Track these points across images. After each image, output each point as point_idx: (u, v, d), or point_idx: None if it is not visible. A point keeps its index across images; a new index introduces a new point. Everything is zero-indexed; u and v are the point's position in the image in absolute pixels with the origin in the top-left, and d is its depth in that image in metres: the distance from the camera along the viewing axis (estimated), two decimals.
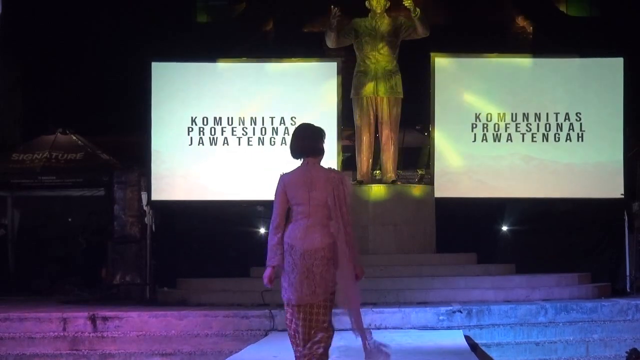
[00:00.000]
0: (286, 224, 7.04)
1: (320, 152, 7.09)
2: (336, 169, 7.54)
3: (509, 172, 16.52)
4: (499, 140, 16.51)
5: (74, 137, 18.76)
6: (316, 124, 7.42)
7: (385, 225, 15.15)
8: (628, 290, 15.96)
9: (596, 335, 12.37)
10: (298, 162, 7.18)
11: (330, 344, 7.16)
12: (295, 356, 7.16)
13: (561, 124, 16.51)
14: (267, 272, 7.03)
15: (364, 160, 15.35)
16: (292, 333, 7.11)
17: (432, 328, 11.95)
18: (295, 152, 7.14)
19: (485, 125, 16.55)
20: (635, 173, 17.06)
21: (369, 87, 15.23)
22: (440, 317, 12.20)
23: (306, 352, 7.04)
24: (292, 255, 6.90)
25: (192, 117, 16.61)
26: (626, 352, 11.20)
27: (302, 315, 7.00)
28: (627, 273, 16.30)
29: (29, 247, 19.10)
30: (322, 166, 7.10)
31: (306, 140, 7.11)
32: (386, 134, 15.30)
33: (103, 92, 19.13)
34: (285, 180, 7.09)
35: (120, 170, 17.70)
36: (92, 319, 12.38)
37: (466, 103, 16.58)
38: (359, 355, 9.81)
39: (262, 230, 17.42)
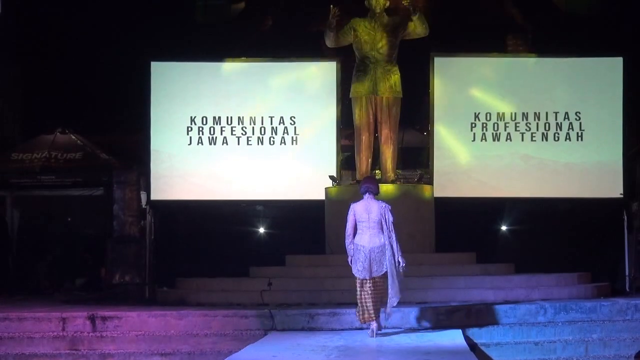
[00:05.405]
0: (355, 234, 11.34)
1: (375, 193, 11.51)
2: (385, 203, 11.48)
3: (508, 172, 16.53)
4: (499, 140, 16.53)
5: (74, 137, 18.71)
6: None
7: None
8: (627, 290, 15.97)
9: (595, 335, 12.34)
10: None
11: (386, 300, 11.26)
12: (362, 314, 11.20)
13: (560, 123, 16.53)
14: (350, 260, 11.39)
15: (363, 159, 15.33)
16: (363, 300, 11.18)
17: (432, 328, 11.95)
18: (362, 191, 11.54)
19: (484, 125, 16.57)
20: (635, 173, 17.05)
21: (368, 87, 15.20)
22: (440, 317, 12.19)
23: (375, 306, 11.22)
24: (364, 252, 11.19)
25: (191, 117, 16.63)
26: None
27: (372, 284, 11.18)
28: (627, 273, 16.31)
29: (28, 247, 19.05)
30: (376, 200, 11.44)
31: (365, 185, 11.59)
32: (385, 134, 15.27)
33: (102, 92, 19.07)
34: (355, 207, 11.46)
35: (119, 169, 17.66)
36: (92, 319, 12.36)
37: (465, 102, 16.59)
38: (358, 355, 9.84)
39: (262, 230, 17.42)
